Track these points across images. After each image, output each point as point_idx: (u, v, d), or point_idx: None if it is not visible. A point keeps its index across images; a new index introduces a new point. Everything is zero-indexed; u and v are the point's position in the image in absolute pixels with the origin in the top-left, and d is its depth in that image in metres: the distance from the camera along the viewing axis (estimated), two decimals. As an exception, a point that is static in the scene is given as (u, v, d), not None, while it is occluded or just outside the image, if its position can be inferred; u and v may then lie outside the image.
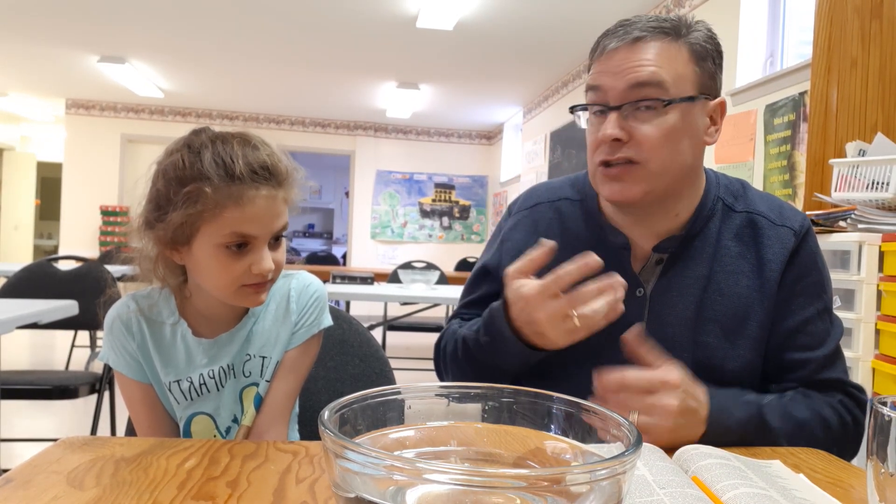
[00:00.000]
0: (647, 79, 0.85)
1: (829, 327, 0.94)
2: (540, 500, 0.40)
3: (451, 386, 0.55)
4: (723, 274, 0.93)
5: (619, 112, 0.87)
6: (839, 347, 0.96)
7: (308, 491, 0.61)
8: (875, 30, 2.06)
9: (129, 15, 4.60)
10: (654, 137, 0.86)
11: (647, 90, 0.86)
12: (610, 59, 0.88)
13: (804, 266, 0.94)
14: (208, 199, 0.85)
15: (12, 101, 7.81)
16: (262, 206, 0.88)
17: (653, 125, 0.86)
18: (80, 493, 0.58)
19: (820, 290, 0.95)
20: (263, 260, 0.89)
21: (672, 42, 0.87)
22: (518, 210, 1.07)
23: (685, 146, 0.89)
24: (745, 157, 3.14)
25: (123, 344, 0.95)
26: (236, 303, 0.94)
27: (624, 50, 0.87)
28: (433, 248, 8.22)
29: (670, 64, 0.87)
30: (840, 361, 0.95)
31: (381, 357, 1.22)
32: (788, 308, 0.93)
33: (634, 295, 0.95)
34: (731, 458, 0.68)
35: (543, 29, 4.55)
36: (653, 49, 0.86)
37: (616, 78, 0.87)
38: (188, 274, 0.95)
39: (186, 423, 0.98)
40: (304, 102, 7.24)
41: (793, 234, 0.94)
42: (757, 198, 0.98)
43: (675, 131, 0.87)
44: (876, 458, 0.46)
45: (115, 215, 7.46)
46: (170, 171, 0.88)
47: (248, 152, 0.88)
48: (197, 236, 0.88)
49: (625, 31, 0.88)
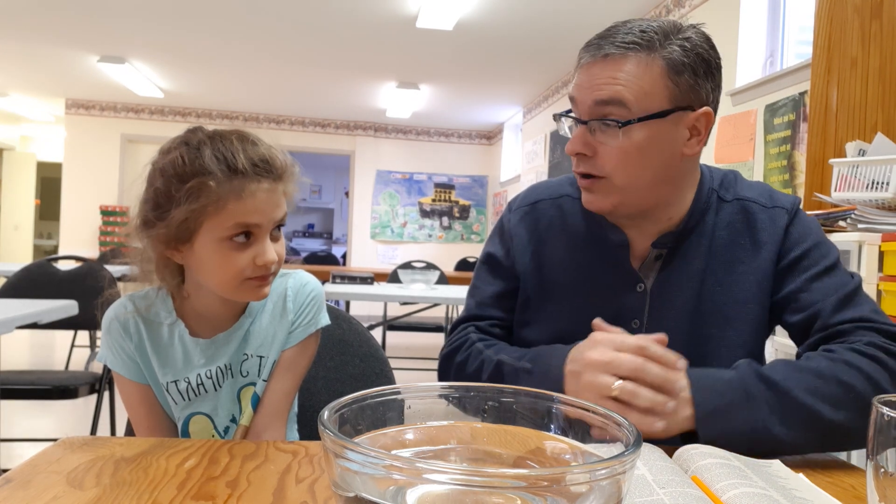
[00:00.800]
0: (608, 97, 0.86)
1: (842, 279, 0.90)
2: (540, 500, 0.40)
3: (451, 386, 0.55)
4: (718, 264, 0.94)
5: (587, 127, 0.88)
6: (859, 292, 0.89)
7: (308, 491, 0.61)
8: (875, 30, 2.06)
9: (129, 15, 4.60)
10: (614, 155, 0.87)
11: (609, 108, 0.86)
12: (583, 72, 0.89)
13: (800, 235, 0.94)
14: (212, 193, 0.85)
15: (12, 101, 7.81)
16: (264, 198, 0.89)
17: (615, 142, 0.87)
18: (80, 493, 0.58)
19: (822, 251, 0.93)
20: (267, 251, 0.90)
21: (645, 56, 0.85)
22: (519, 206, 1.07)
23: (654, 161, 0.89)
24: (745, 156, 3.14)
25: (121, 345, 0.95)
26: (240, 298, 0.94)
27: (594, 65, 0.87)
28: (433, 248, 8.23)
29: (637, 82, 0.85)
30: (861, 304, 0.88)
31: (380, 357, 1.22)
32: (792, 273, 0.92)
33: (635, 290, 0.96)
34: (731, 457, 0.68)
35: (543, 29, 4.55)
36: (621, 66, 0.86)
37: (584, 93, 0.88)
38: (187, 273, 0.95)
39: (184, 423, 0.98)
40: (304, 102, 7.24)
41: (785, 213, 0.95)
42: (747, 186, 0.99)
43: (641, 148, 0.87)
44: (876, 458, 0.46)
45: (115, 215, 7.46)
46: (169, 169, 0.88)
47: (248, 147, 0.89)
48: (200, 232, 0.88)
49: (597, 45, 0.87)
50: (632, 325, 0.96)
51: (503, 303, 1.05)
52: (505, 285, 1.05)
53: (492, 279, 1.06)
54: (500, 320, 1.05)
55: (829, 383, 0.77)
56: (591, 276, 0.98)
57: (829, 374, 0.78)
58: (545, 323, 1.00)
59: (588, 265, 0.98)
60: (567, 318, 0.98)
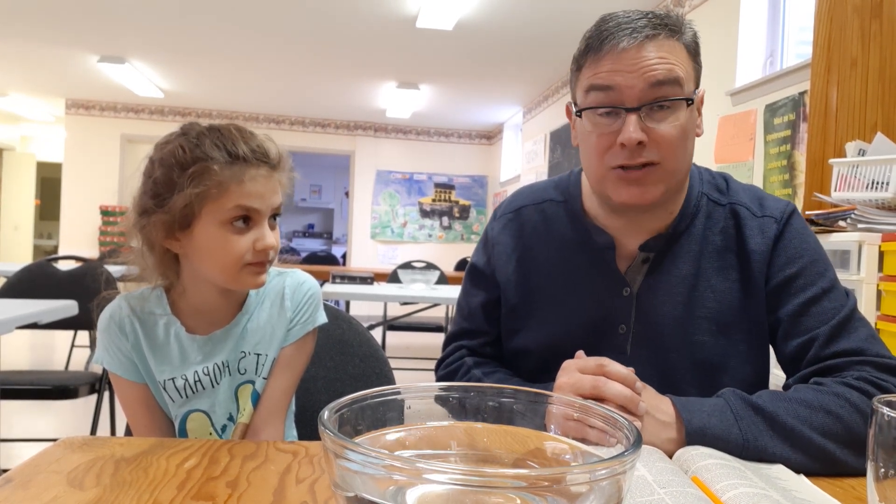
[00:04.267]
0: (664, 77, 0.83)
1: (837, 304, 0.87)
2: (540, 500, 0.40)
3: (451, 386, 0.55)
4: (711, 270, 0.92)
5: (638, 113, 0.84)
6: (853, 318, 0.87)
7: (308, 491, 0.61)
8: (875, 30, 2.06)
9: (129, 15, 4.60)
10: (673, 137, 0.85)
11: (666, 89, 0.84)
12: (622, 57, 0.84)
13: (792, 249, 0.91)
14: (214, 175, 0.88)
15: (12, 101, 7.80)
16: (263, 183, 0.92)
17: (669, 124, 0.85)
18: (80, 493, 0.58)
19: (818, 269, 0.90)
20: (266, 235, 0.92)
21: (676, 40, 0.86)
22: (503, 213, 1.05)
23: (691, 144, 0.89)
24: (745, 156, 3.14)
25: (118, 344, 0.95)
26: (239, 285, 0.94)
27: (639, 48, 0.84)
28: (433, 248, 8.22)
29: (679, 61, 0.86)
30: (855, 331, 0.85)
31: (380, 357, 1.22)
32: (787, 293, 0.89)
33: (621, 294, 0.94)
34: (732, 458, 0.68)
35: (543, 29, 4.55)
36: (665, 47, 0.85)
37: (633, 77, 0.83)
38: (184, 265, 0.96)
39: (182, 420, 0.98)
40: (304, 102, 7.24)
41: (774, 222, 0.92)
42: (740, 190, 0.97)
43: (686, 129, 0.87)
44: (876, 458, 0.46)
45: (115, 215, 7.45)
46: (169, 158, 0.90)
47: (246, 136, 0.93)
48: (200, 216, 0.90)
49: (632, 28, 0.85)
50: (618, 329, 0.94)
51: (489, 312, 1.04)
52: (488, 296, 1.04)
53: (475, 290, 1.06)
54: (489, 335, 1.04)
55: (816, 412, 0.75)
56: (577, 280, 0.96)
57: (817, 404, 0.76)
58: (534, 330, 0.99)
59: (574, 269, 0.97)
60: (555, 324, 0.97)
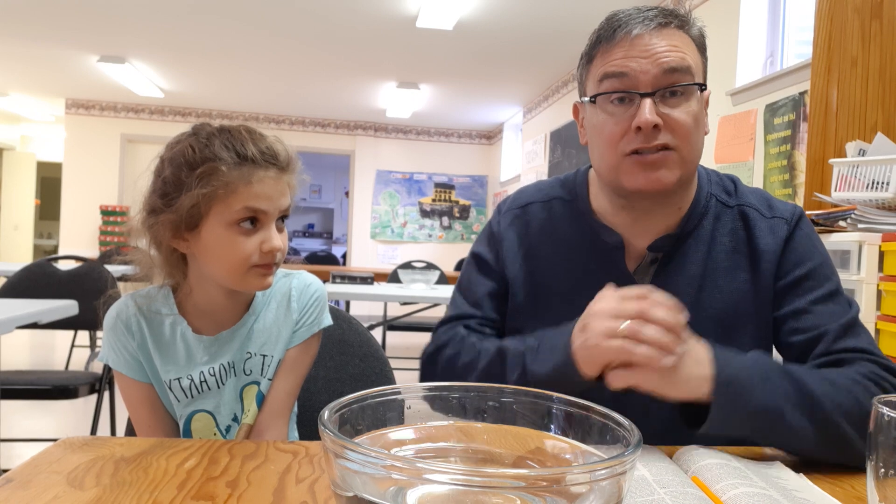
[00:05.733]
0: (676, 64, 0.86)
1: (843, 308, 0.89)
2: (539, 500, 0.40)
3: (451, 386, 0.55)
4: (719, 271, 0.93)
5: (653, 98, 0.86)
6: (858, 323, 0.89)
7: (308, 491, 0.61)
8: (875, 30, 2.06)
9: (129, 15, 4.60)
10: (688, 123, 0.87)
11: (678, 76, 0.86)
12: (634, 44, 0.86)
13: (802, 251, 0.93)
14: (222, 176, 0.88)
15: (12, 101, 7.80)
16: (271, 185, 0.92)
17: (682, 111, 0.87)
18: (80, 493, 0.58)
19: (826, 272, 0.92)
20: (273, 237, 0.92)
21: (686, 32, 0.89)
22: (509, 208, 1.04)
23: (701, 133, 0.91)
24: (745, 156, 3.14)
25: (124, 343, 0.95)
26: (245, 286, 0.94)
27: (650, 35, 0.86)
28: (433, 248, 8.22)
29: (690, 52, 0.88)
30: (861, 334, 0.88)
31: (381, 357, 1.22)
32: (795, 293, 0.91)
33: None
34: (731, 458, 0.68)
35: (544, 29, 4.55)
36: (675, 36, 0.87)
37: (647, 63, 0.86)
38: (191, 266, 0.96)
39: (186, 420, 0.98)
40: (304, 102, 7.24)
41: (785, 223, 0.94)
42: (748, 192, 0.98)
43: (697, 118, 0.88)
44: (876, 458, 0.46)
45: (115, 215, 7.46)
46: (178, 157, 0.90)
47: (255, 137, 0.93)
48: (208, 217, 0.90)
49: (644, 17, 0.87)
50: None
51: (496, 303, 1.01)
52: (496, 286, 1.01)
53: (483, 279, 1.02)
54: (492, 321, 1.01)
55: (839, 390, 0.76)
56: (584, 280, 0.95)
57: (840, 383, 0.77)
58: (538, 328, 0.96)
59: (581, 268, 0.96)
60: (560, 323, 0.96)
